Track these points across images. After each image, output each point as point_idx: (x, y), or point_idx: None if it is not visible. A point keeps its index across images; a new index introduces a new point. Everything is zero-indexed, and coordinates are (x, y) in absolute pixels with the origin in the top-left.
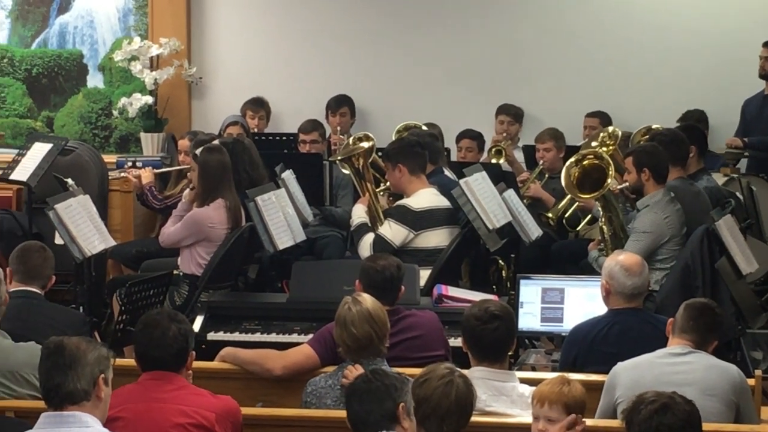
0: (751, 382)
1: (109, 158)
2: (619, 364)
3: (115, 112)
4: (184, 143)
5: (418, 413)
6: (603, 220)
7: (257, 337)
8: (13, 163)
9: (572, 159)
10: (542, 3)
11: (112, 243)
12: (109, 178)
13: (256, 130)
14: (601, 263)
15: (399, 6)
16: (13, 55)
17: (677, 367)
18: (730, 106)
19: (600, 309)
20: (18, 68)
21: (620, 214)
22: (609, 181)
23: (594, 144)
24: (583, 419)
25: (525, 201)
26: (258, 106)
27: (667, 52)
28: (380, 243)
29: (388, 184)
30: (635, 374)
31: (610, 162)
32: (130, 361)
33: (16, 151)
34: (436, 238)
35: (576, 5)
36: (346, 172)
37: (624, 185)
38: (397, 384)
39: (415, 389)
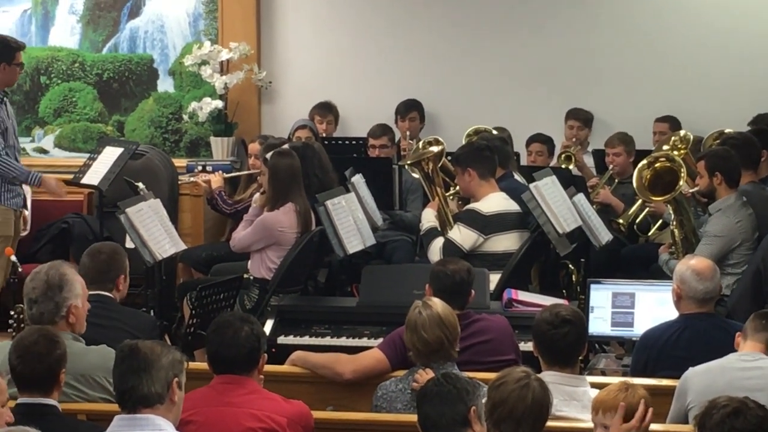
0: None
1: (180, 162)
2: (691, 369)
3: (186, 117)
4: (254, 147)
5: (493, 416)
6: (674, 223)
7: (327, 340)
8: (85, 167)
9: (644, 161)
10: (613, 7)
11: (183, 247)
12: (180, 182)
13: (324, 134)
14: (672, 266)
15: (470, 11)
16: (84, 60)
17: (749, 372)
18: None
19: (671, 313)
20: (89, 73)
21: (692, 217)
22: (681, 183)
23: (665, 148)
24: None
25: (594, 207)
26: (326, 110)
27: (739, 56)
28: (450, 247)
29: (457, 188)
30: (707, 379)
31: (683, 165)
32: (201, 365)
33: (88, 155)
34: (506, 242)
35: (646, 10)
36: (416, 176)
37: (696, 189)
38: (469, 388)
39: (491, 392)
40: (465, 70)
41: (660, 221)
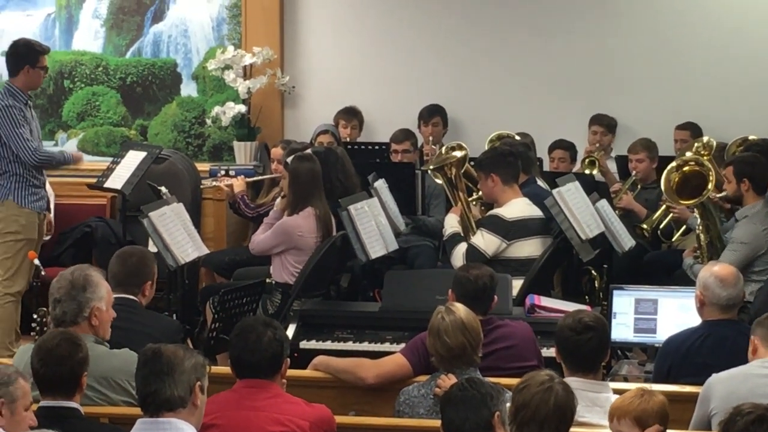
0: None
1: (202, 166)
2: (714, 375)
3: (209, 121)
4: (277, 152)
5: (516, 419)
6: (700, 227)
7: (350, 345)
8: (108, 171)
9: (673, 164)
10: (636, 14)
11: (206, 251)
12: (202, 186)
13: (348, 139)
14: (696, 271)
15: (492, 16)
16: (108, 64)
17: None
18: None
19: (694, 320)
20: (112, 77)
21: (718, 222)
22: (710, 187)
23: (688, 155)
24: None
25: (617, 212)
26: (351, 115)
27: (762, 63)
28: (473, 253)
29: (480, 193)
30: (730, 386)
31: (711, 169)
32: (223, 369)
33: (111, 159)
34: (529, 248)
35: (670, 16)
36: (439, 181)
37: (723, 194)
38: (493, 393)
39: (515, 395)
40: (488, 76)
41: (683, 227)
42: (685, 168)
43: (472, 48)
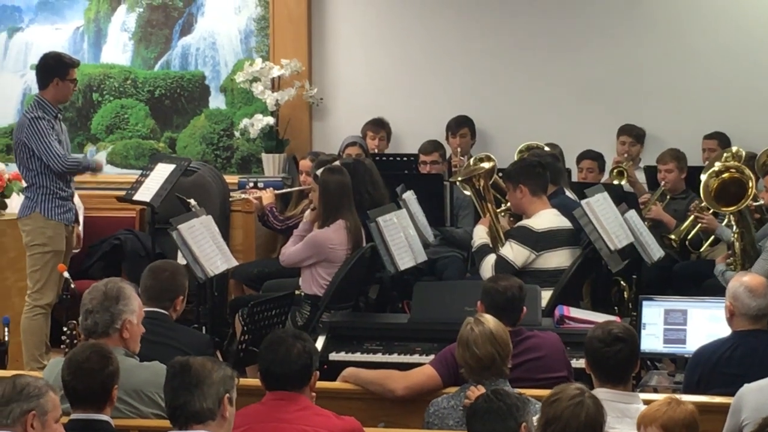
0: None
1: (231, 179)
2: (746, 386)
3: (237, 133)
4: (305, 164)
5: None
6: (735, 234)
7: (379, 357)
8: (137, 184)
9: (712, 170)
10: (664, 24)
11: (234, 263)
12: (231, 198)
13: (376, 150)
14: (728, 278)
15: (519, 27)
16: (137, 77)
17: None
18: None
19: (723, 330)
20: (141, 90)
21: (752, 230)
22: (750, 194)
23: (717, 164)
24: None
25: (646, 223)
26: (379, 126)
27: None
28: (502, 264)
29: (508, 204)
30: (761, 396)
31: (751, 176)
32: (253, 381)
33: (140, 171)
34: (558, 258)
35: (698, 26)
36: (467, 192)
37: (760, 203)
38: (519, 404)
39: (545, 408)
40: (516, 87)
41: (712, 237)
42: (725, 175)
43: (500, 59)
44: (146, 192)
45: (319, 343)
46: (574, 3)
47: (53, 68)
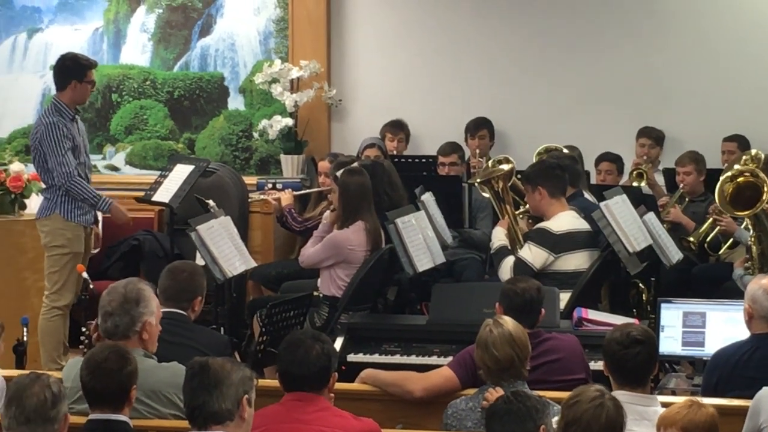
0: None
1: (250, 180)
2: (765, 388)
3: (256, 134)
4: (324, 165)
5: None
6: (752, 239)
7: (397, 359)
8: (155, 185)
9: (727, 174)
10: (684, 26)
11: (253, 264)
12: (250, 199)
13: (395, 152)
14: (746, 282)
15: (539, 29)
16: (156, 78)
17: None
18: None
19: (742, 333)
20: (160, 91)
21: None
22: (764, 198)
23: (737, 167)
24: None
25: (665, 225)
26: (397, 128)
27: None
28: (520, 266)
29: (527, 206)
30: None
31: (766, 180)
32: (271, 382)
33: (158, 172)
34: (576, 261)
35: (717, 29)
36: (486, 194)
37: None
38: (539, 406)
39: (565, 410)
40: (535, 89)
41: (730, 240)
42: (740, 179)
43: (519, 61)
44: (165, 193)
45: (338, 344)
46: (593, 5)
47: (71, 70)
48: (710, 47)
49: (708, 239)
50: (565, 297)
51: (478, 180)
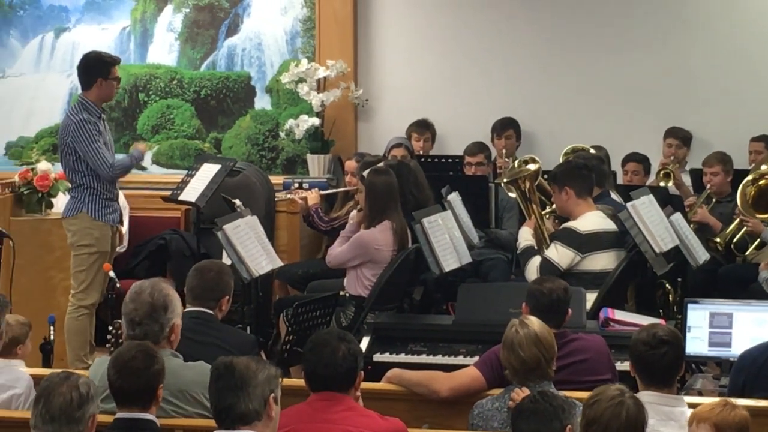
0: None
1: (276, 179)
2: None
3: (282, 134)
4: (351, 165)
5: None
6: None
7: (423, 358)
8: (182, 184)
9: (749, 177)
10: (710, 26)
11: (279, 264)
12: (276, 199)
13: (421, 152)
14: None
15: (565, 29)
16: (182, 77)
17: None
18: None
19: None
20: (187, 90)
21: None
22: None
23: (764, 167)
24: None
25: (691, 226)
26: (423, 128)
27: None
28: (547, 266)
29: (554, 206)
30: None
31: None
32: (297, 381)
33: (185, 171)
34: (603, 261)
35: (744, 28)
36: (512, 194)
37: None
38: (565, 406)
39: (586, 410)
40: (561, 89)
41: (757, 241)
42: (761, 182)
43: (545, 61)
44: (192, 192)
45: (364, 343)
46: (620, 5)
47: (96, 68)
48: (738, 47)
49: (735, 240)
50: (591, 297)
51: (505, 180)
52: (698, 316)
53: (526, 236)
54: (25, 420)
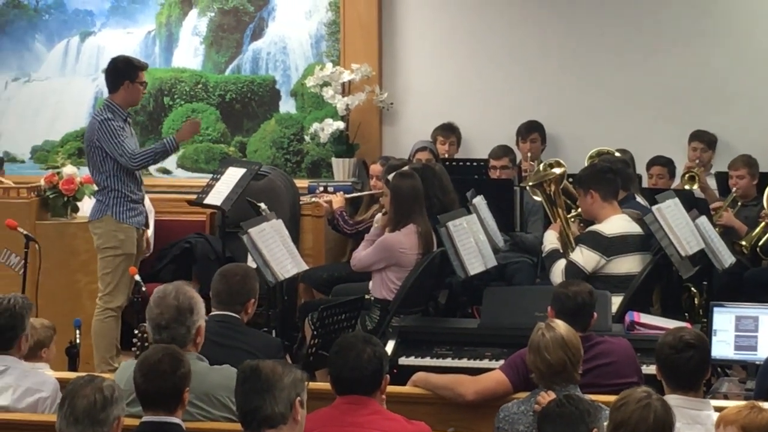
0: None
1: (301, 183)
2: None
3: (307, 138)
4: (376, 168)
5: None
6: None
7: (448, 362)
8: (207, 188)
9: None
10: (735, 29)
11: (305, 267)
12: (301, 202)
13: (446, 155)
14: None
15: (591, 33)
16: (207, 81)
17: None
18: None
19: None
20: (212, 94)
21: None
22: None
23: None
24: None
25: (717, 229)
26: (449, 131)
27: None
28: (572, 269)
29: (579, 210)
30: None
31: None
32: (323, 385)
33: (210, 175)
34: (628, 264)
35: None
36: (538, 198)
37: None
38: (591, 410)
39: (613, 413)
40: (587, 92)
41: None
42: None
43: (570, 65)
44: (217, 196)
45: (389, 347)
46: (645, 9)
47: (123, 71)
48: (763, 50)
49: (760, 243)
50: (616, 301)
51: (530, 183)
52: (724, 320)
53: (551, 239)
54: (52, 423)
